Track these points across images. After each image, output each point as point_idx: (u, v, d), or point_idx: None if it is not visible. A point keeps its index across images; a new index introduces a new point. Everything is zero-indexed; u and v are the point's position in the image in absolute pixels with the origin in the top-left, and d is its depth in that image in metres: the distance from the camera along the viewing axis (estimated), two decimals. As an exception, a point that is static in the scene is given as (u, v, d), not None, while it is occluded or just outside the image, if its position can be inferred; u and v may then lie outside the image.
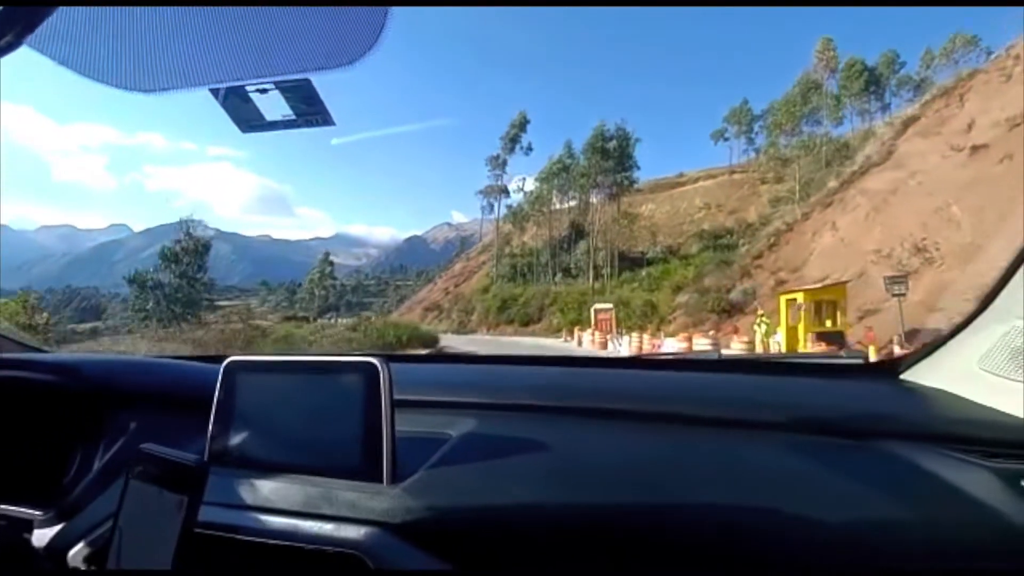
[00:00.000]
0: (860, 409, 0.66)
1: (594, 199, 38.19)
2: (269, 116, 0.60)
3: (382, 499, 0.53)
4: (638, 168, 36.41)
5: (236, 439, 0.63)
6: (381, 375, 0.57)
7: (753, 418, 0.65)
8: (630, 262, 34.09)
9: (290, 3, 0.51)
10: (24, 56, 0.44)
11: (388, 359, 0.59)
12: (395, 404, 0.58)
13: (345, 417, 0.58)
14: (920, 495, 0.52)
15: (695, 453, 0.60)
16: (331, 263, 48.99)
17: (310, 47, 0.52)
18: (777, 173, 32.84)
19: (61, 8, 0.44)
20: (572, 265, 37.37)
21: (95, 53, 0.52)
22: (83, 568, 0.58)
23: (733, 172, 42.41)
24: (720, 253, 26.93)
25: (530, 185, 42.58)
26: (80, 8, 0.49)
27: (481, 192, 44.44)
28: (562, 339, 22.92)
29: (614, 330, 18.99)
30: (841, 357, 1.18)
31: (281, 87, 0.57)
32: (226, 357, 0.66)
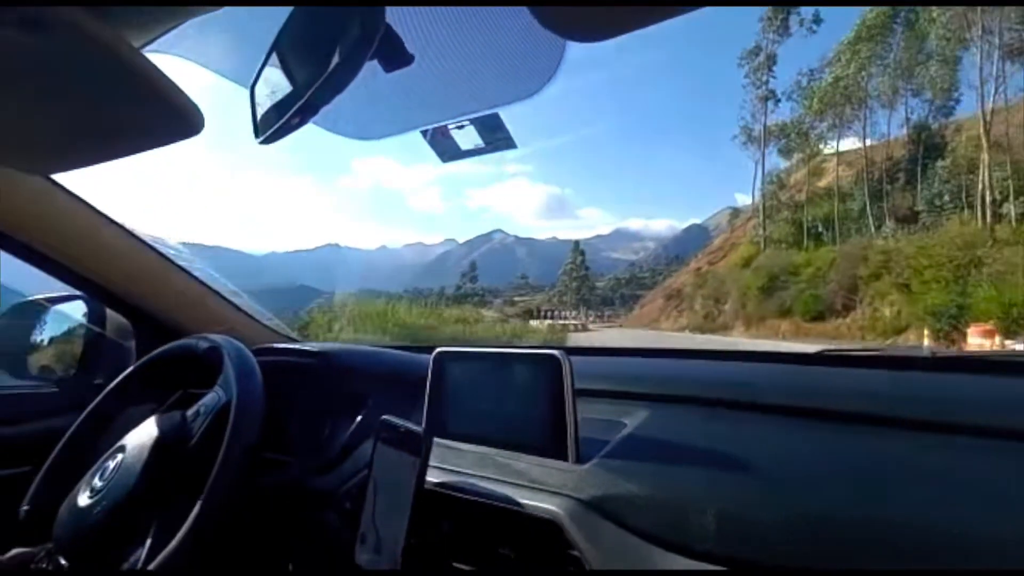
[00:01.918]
0: None
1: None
2: (464, 147, 0.72)
3: (570, 476, 0.61)
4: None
5: (445, 415, 0.77)
6: (563, 366, 0.64)
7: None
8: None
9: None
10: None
11: (569, 351, 0.66)
12: (576, 392, 0.65)
13: (533, 402, 0.67)
14: None
15: (916, 461, 0.55)
16: (582, 253, 48.68)
17: (497, 86, 0.61)
18: None
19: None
20: (924, 203, 18.62)
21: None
22: (347, 506, 0.76)
23: None
24: None
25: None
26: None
27: (741, 129, 25.85)
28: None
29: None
30: None
31: (474, 122, 0.68)
32: (435, 348, 0.80)
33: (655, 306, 31.53)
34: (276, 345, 1.07)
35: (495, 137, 0.69)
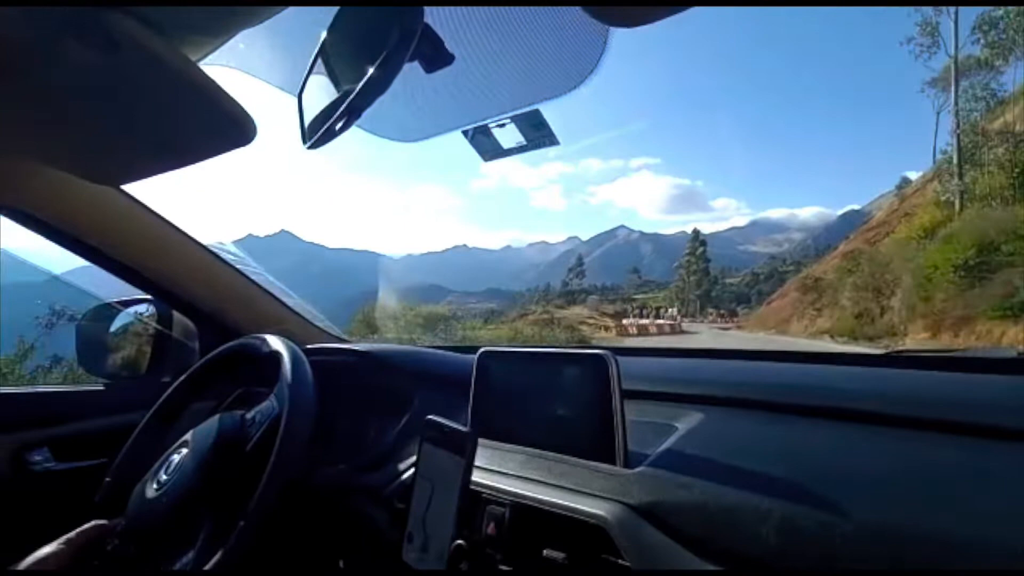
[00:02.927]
0: None
1: None
2: (505, 145, 0.71)
3: (618, 480, 0.59)
4: None
5: (490, 415, 0.76)
6: (610, 367, 0.63)
7: None
8: None
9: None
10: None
11: (616, 351, 0.65)
12: (624, 394, 0.63)
13: (579, 403, 0.66)
14: None
15: (995, 472, 0.50)
16: (703, 244, 44.07)
17: (537, 82, 0.60)
18: None
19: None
20: None
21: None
22: (394, 504, 0.77)
23: None
24: None
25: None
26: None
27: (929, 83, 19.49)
28: None
29: None
30: None
31: (515, 119, 0.67)
32: (477, 348, 0.80)
33: (786, 302, 23.84)
34: (326, 345, 1.11)
35: (537, 134, 0.68)
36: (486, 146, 0.73)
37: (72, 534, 0.70)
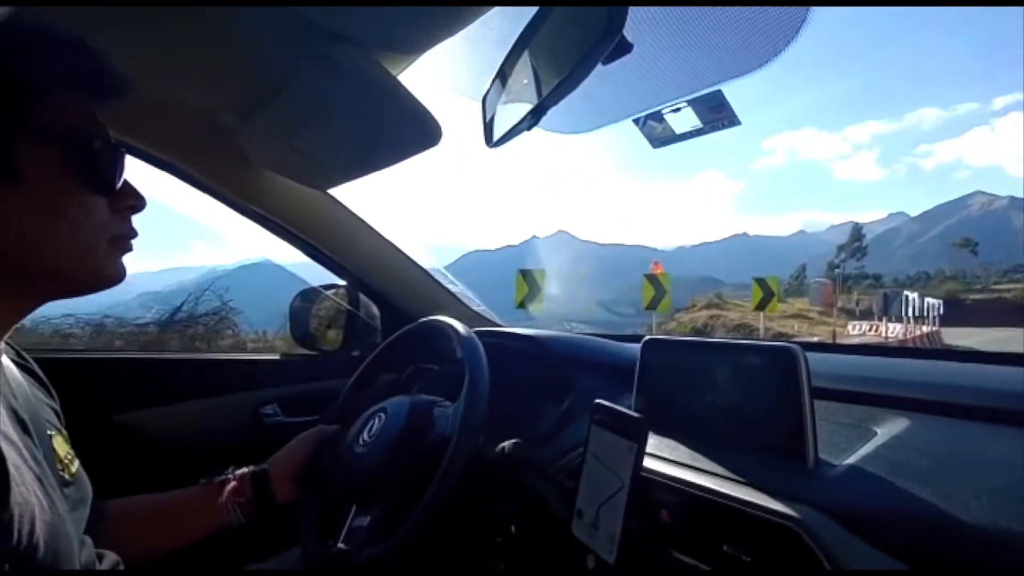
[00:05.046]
0: None
1: None
2: (679, 130, 0.70)
3: (810, 481, 0.55)
4: None
5: (656, 403, 0.76)
6: (799, 362, 0.59)
7: None
8: None
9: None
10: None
11: (804, 346, 0.60)
12: (813, 392, 0.58)
13: (760, 398, 0.63)
14: None
15: None
16: None
17: (722, 61, 0.58)
18: None
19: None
20: None
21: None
22: (562, 480, 0.81)
23: None
24: None
25: None
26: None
27: None
28: None
29: None
30: None
31: (692, 102, 0.65)
32: (635, 337, 0.80)
33: None
34: (490, 328, 1.19)
35: (716, 116, 0.65)
36: (657, 133, 0.71)
37: (306, 433, 0.93)
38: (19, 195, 0.46)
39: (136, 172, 0.61)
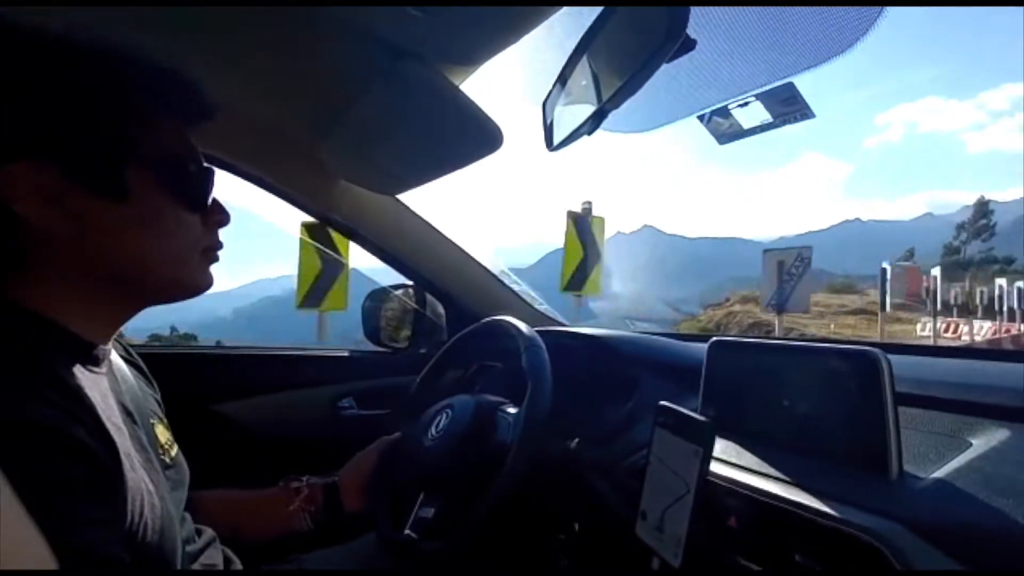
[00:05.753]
0: None
1: None
2: (747, 126, 0.67)
3: (892, 493, 0.52)
4: None
5: (721, 406, 0.74)
6: (881, 366, 0.55)
7: None
8: None
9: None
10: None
11: (887, 348, 0.57)
12: (897, 398, 0.55)
13: (837, 403, 0.60)
14: None
15: None
16: None
17: (795, 53, 0.55)
18: None
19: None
20: None
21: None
22: (624, 480, 0.81)
23: None
24: None
25: None
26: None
27: None
28: None
29: None
30: None
31: (760, 96, 0.63)
32: (700, 337, 0.78)
33: None
34: (553, 328, 1.20)
35: (787, 109, 0.62)
36: (723, 128, 0.69)
37: (372, 446, 1.00)
38: (127, 212, 0.51)
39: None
